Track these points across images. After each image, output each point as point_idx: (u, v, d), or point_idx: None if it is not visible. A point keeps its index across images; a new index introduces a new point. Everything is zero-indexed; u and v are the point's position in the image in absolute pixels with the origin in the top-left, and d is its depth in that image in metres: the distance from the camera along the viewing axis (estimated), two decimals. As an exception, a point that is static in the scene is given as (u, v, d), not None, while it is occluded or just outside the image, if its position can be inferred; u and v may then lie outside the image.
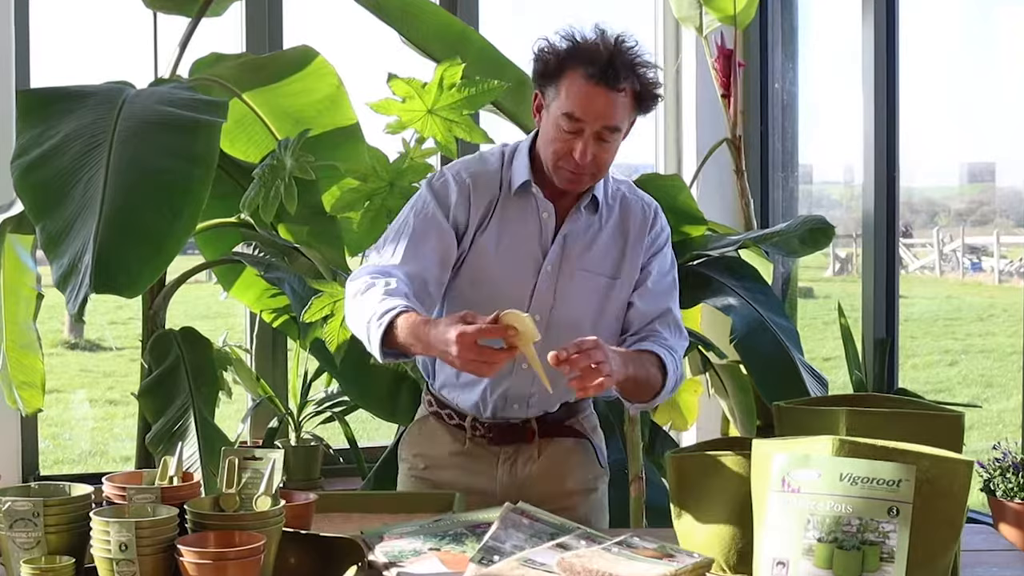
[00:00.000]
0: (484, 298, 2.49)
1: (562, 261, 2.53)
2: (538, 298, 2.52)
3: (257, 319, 4.14)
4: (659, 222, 2.62)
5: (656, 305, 2.57)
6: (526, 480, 2.60)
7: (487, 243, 2.52)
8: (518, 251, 2.52)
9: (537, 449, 2.62)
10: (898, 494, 1.79)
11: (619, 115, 2.39)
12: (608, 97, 2.37)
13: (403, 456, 2.74)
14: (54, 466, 7.01)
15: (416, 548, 2.14)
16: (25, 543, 1.97)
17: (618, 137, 2.43)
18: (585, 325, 2.52)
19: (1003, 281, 9.84)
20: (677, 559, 2.03)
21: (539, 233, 2.53)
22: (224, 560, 1.88)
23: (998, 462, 3.71)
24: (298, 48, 3.70)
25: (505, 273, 2.52)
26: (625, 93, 2.38)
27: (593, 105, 2.37)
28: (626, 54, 2.39)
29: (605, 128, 2.39)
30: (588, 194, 2.53)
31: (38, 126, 3.07)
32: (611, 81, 2.36)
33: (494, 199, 2.53)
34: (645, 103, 2.44)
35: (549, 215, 2.53)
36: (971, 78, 7.23)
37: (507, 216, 2.53)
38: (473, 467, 2.62)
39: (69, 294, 2.76)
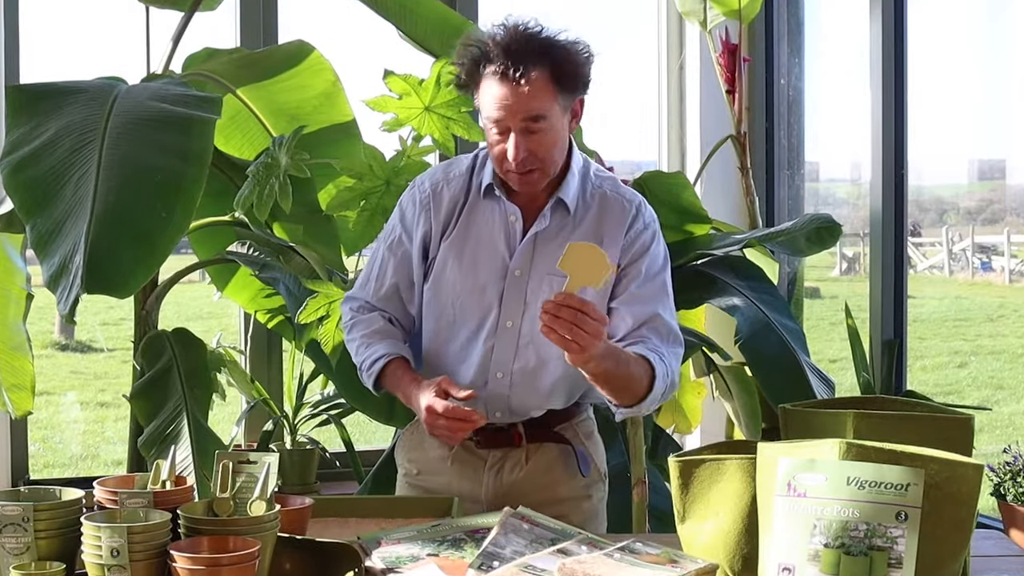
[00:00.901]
0: (450, 303, 2.54)
1: (531, 265, 2.50)
2: (507, 304, 2.50)
3: (252, 320, 4.16)
4: (641, 219, 2.55)
5: (643, 310, 2.51)
6: (513, 486, 2.58)
7: (452, 249, 2.53)
8: (484, 256, 2.51)
9: (525, 454, 2.60)
10: (906, 499, 1.79)
11: (535, 104, 2.37)
12: (518, 90, 2.36)
13: (399, 461, 2.76)
14: (44, 470, 7.03)
15: (414, 554, 2.13)
16: (15, 549, 1.99)
17: (547, 125, 2.39)
18: None
19: (1014, 281, 9.83)
20: (681, 565, 2.03)
21: (506, 237, 2.51)
22: (218, 566, 1.88)
23: (1008, 466, 3.69)
24: (293, 43, 3.69)
25: (470, 278, 2.51)
26: (536, 80, 2.35)
27: (505, 102, 2.37)
28: (526, 41, 2.37)
29: (527, 120, 2.38)
30: (555, 196, 2.50)
31: (28, 123, 3.06)
32: (515, 73, 2.35)
33: (458, 204, 2.53)
34: (569, 81, 2.40)
35: (517, 218, 2.51)
36: (980, 74, 7.23)
37: (474, 220, 2.53)
38: (462, 472, 2.61)
39: (60, 294, 2.75)
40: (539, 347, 2.49)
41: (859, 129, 4.25)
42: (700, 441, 4.44)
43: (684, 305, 3.78)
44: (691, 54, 4.79)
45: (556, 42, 2.38)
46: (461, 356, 2.54)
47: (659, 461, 3.71)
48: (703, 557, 2.08)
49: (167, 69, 3.57)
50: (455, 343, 2.54)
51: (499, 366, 2.51)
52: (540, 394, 2.54)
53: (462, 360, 2.54)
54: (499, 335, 2.50)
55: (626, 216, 2.53)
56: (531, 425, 2.58)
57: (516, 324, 2.49)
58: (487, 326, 2.50)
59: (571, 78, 2.40)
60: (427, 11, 3.60)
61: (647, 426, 3.66)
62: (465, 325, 2.52)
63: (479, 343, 2.51)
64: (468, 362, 2.53)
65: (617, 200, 2.55)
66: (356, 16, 3.69)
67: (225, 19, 4.29)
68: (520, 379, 2.52)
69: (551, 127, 2.39)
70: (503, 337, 2.50)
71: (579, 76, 2.41)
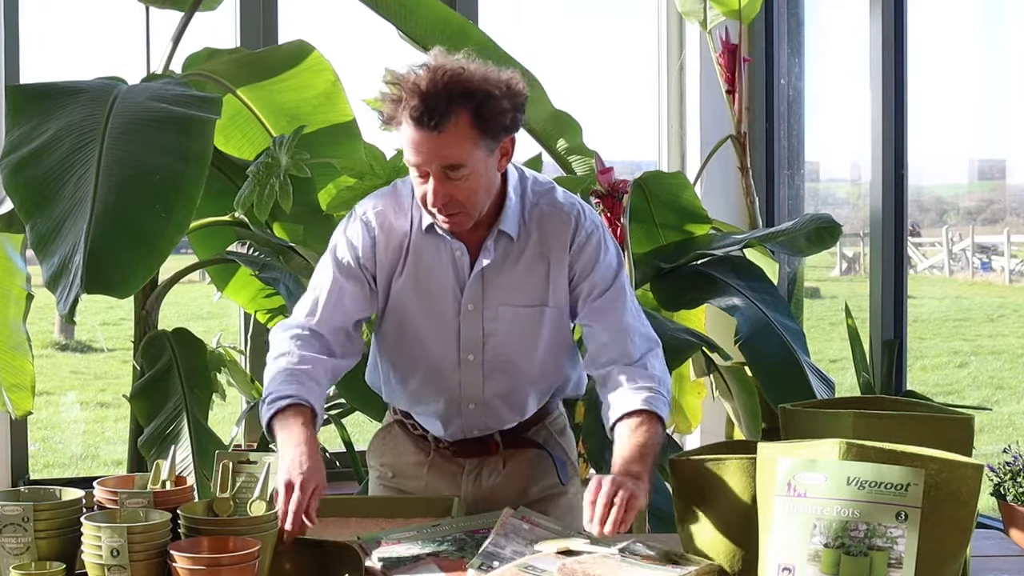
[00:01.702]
0: (411, 342, 2.48)
1: (484, 298, 2.44)
2: (466, 338, 2.45)
3: (252, 320, 4.14)
4: (582, 230, 2.45)
5: (612, 320, 2.45)
6: (491, 491, 2.56)
7: (405, 288, 2.45)
8: (436, 293, 2.44)
9: (502, 460, 2.58)
10: (906, 499, 1.79)
11: (454, 152, 2.24)
12: (434, 138, 2.22)
13: (371, 464, 2.71)
14: (44, 470, 7.02)
15: (414, 553, 2.12)
16: (15, 549, 1.99)
17: (467, 172, 2.27)
18: (519, 360, 2.47)
19: (1014, 281, 9.82)
20: (681, 565, 2.03)
21: (455, 272, 2.43)
22: (218, 566, 1.88)
23: (1008, 466, 3.68)
24: (293, 43, 3.68)
25: (427, 317, 2.45)
26: (454, 129, 2.22)
27: (422, 148, 2.25)
28: (445, 87, 2.21)
29: (444, 168, 2.26)
30: (494, 228, 2.41)
31: (28, 123, 3.06)
32: (431, 121, 2.21)
33: (405, 239, 2.43)
34: (492, 127, 2.26)
35: (462, 253, 2.42)
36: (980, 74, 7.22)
37: (421, 257, 2.44)
38: (438, 478, 2.59)
39: (60, 294, 2.75)
40: (506, 374, 2.47)
41: (859, 129, 4.24)
42: (700, 441, 4.43)
43: (684, 305, 3.78)
44: (691, 54, 4.78)
45: (478, 84, 2.24)
46: (429, 390, 2.50)
47: (659, 461, 3.70)
48: (703, 557, 2.08)
49: (167, 69, 3.57)
50: (419, 378, 2.50)
51: (470, 398, 2.48)
52: (515, 412, 2.53)
53: (431, 393, 2.50)
54: (463, 369, 2.46)
55: (567, 230, 2.44)
56: (507, 433, 2.56)
57: (478, 357, 2.45)
58: (449, 362, 2.46)
59: (494, 123, 2.26)
60: (427, 11, 3.59)
61: (647, 426, 3.65)
62: (427, 361, 2.47)
63: (444, 378, 2.47)
64: (437, 396, 2.49)
65: (554, 215, 2.44)
66: (356, 16, 3.69)
67: (225, 19, 4.28)
68: (494, 405, 2.50)
69: (472, 173, 2.27)
70: (467, 371, 2.46)
71: (502, 121, 2.27)
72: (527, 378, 2.49)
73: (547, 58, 5.98)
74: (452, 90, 2.21)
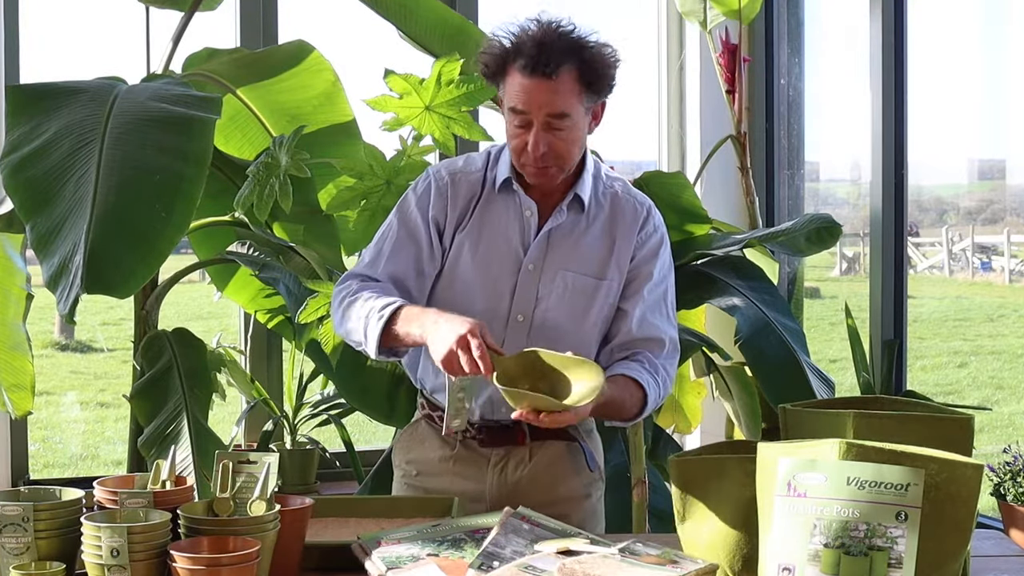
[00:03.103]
0: (460, 295, 2.52)
1: (545, 260, 2.51)
2: (519, 297, 2.51)
3: (252, 320, 4.15)
4: (652, 222, 2.59)
5: (647, 318, 2.54)
6: (517, 485, 2.57)
7: (466, 241, 2.52)
8: (498, 249, 2.51)
9: (528, 452, 2.58)
10: (906, 499, 1.79)
11: (561, 102, 2.38)
12: (545, 85, 2.37)
13: (396, 462, 2.73)
14: (44, 470, 7.03)
15: (414, 554, 2.12)
16: (15, 549, 1.99)
17: (570, 124, 2.41)
18: (570, 327, 2.51)
19: (1014, 281, 9.82)
20: (681, 565, 2.03)
21: (521, 231, 2.52)
22: (218, 566, 1.89)
23: (1008, 466, 3.68)
24: (293, 43, 3.68)
25: (483, 271, 2.51)
26: (563, 78, 2.36)
27: (532, 95, 2.37)
28: (558, 39, 2.37)
29: (550, 116, 2.38)
30: (571, 192, 2.52)
31: (28, 123, 3.06)
32: (544, 68, 2.35)
33: (475, 197, 2.53)
34: (595, 83, 2.42)
35: (532, 213, 2.52)
36: (981, 73, 7.21)
37: (489, 215, 2.53)
38: (464, 472, 2.59)
39: (60, 294, 2.75)
40: (550, 341, 2.48)
41: (859, 129, 4.24)
42: (700, 441, 4.43)
43: (684, 305, 3.77)
44: (691, 54, 4.78)
45: (587, 43, 2.39)
46: None
47: (659, 461, 3.70)
48: (703, 557, 2.08)
49: (167, 69, 3.56)
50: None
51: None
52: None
53: None
54: (509, 329, 2.50)
55: (638, 218, 2.57)
56: None
57: (527, 318, 2.50)
58: (498, 319, 2.50)
59: (598, 80, 2.41)
60: (427, 11, 3.59)
61: (647, 426, 3.65)
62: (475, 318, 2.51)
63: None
64: None
65: (629, 201, 2.58)
66: (356, 16, 3.68)
67: (225, 19, 4.28)
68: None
69: (573, 126, 2.41)
70: (513, 331, 2.50)
71: (606, 79, 2.42)
72: (569, 349, 2.49)
73: (547, 58, 5.94)
74: (564, 43, 2.36)
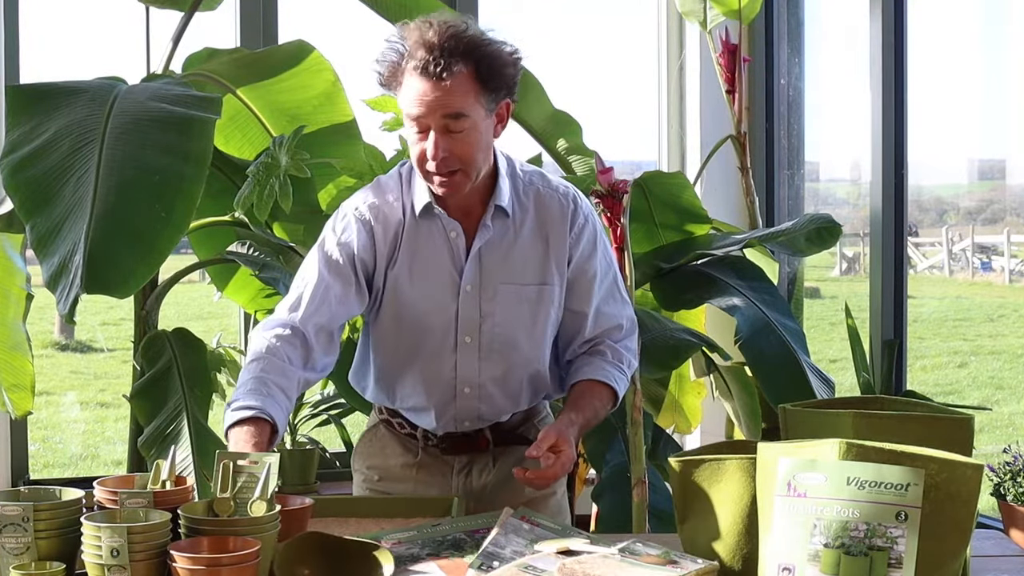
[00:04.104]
0: (409, 330, 2.49)
1: (481, 278, 2.46)
2: (464, 320, 2.47)
3: (252, 320, 4.13)
4: (580, 213, 2.51)
5: (608, 311, 2.55)
6: (483, 490, 2.57)
7: (400, 275, 2.46)
8: (433, 277, 2.46)
9: (492, 458, 2.58)
10: (906, 499, 1.79)
11: (456, 102, 2.29)
12: (439, 87, 2.28)
13: (356, 467, 2.71)
14: (44, 470, 7.03)
15: (414, 554, 2.11)
16: (15, 549, 1.98)
17: (469, 125, 2.32)
18: (519, 338, 2.50)
19: (1014, 281, 9.82)
20: (681, 565, 2.02)
21: (451, 254, 2.46)
22: (218, 566, 1.87)
23: (1008, 466, 3.67)
24: (293, 43, 3.68)
25: (424, 302, 2.46)
26: (458, 78, 2.28)
27: (425, 98, 2.29)
28: (450, 40, 2.28)
29: (446, 118, 2.30)
30: (491, 204, 2.44)
31: (28, 123, 3.06)
32: (437, 68, 2.27)
33: (399, 228, 2.45)
34: (492, 82, 2.32)
35: (458, 234, 2.45)
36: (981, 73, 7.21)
37: (415, 243, 2.45)
38: (427, 479, 2.59)
39: (59, 294, 2.74)
40: (502, 355, 2.48)
41: (859, 129, 4.24)
42: (700, 441, 4.43)
43: (684, 305, 3.78)
44: (691, 54, 4.77)
45: (481, 41, 2.31)
46: (423, 378, 2.50)
47: (659, 461, 3.70)
48: (703, 557, 2.07)
49: (167, 69, 3.56)
50: (415, 366, 2.50)
51: (465, 381, 2.49)
52: (510, 399, 2.54)
53: (425, 381, 2.50)
54: (460, 352, 2.47)
55: (566, 213, 2.49)
56: (497, 429, 2.56)
57: (475, 338, 2.46)
58: (447, 345, 2.47)
59: (494, 78, 2.32)
60: (426, 11, 3.56)
61: (647, 426, 3.65)
62: (423, 347, 2.48)
63: (440, 363, 2.48)
64: (431, 382, 2.50)
65: (553, 197, 2.50)
66: (356, 16, 3.68)
67: (225, 19, 4.28)
68: (488, 390, 2.51)
69: (473, 127, 2.32)
70: (464, 353, 2.47)
71: (503, 77, 2.34)
72: (522, 361, 2.50)
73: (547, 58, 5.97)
74: (457, 43, 2.29)
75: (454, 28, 2.30)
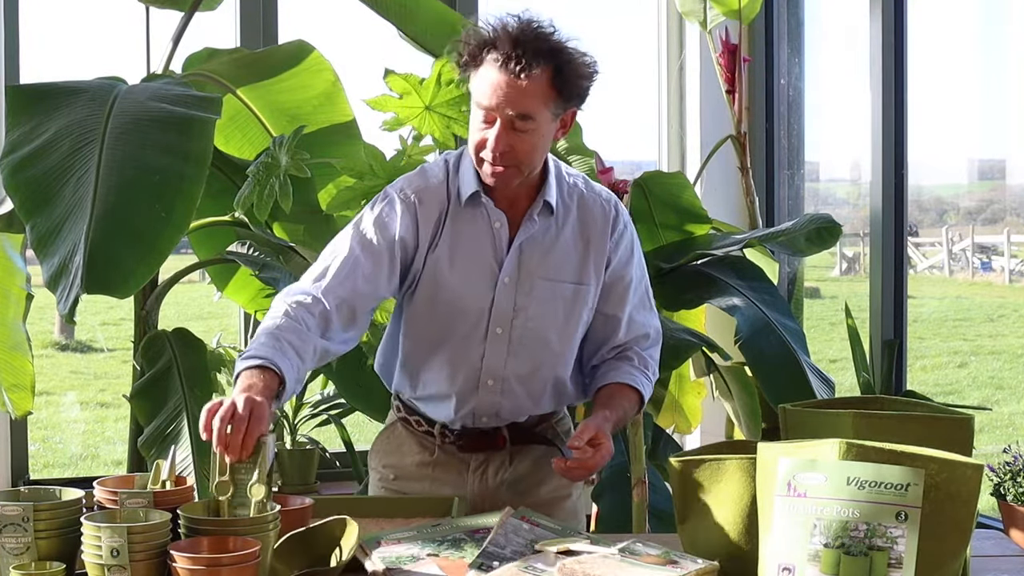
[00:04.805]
0: (442, 315, 2.49)
1: (520, 272, 2.47)
2: (498, 311, 2.47)
3: (252, 320, 4.13)
4: (621, 219, 2.55)
5: (638, 319, 2.57)
6: (498, 489, 2.57)
7: (440, 259, 2.46)
8: (473, 265, 2.46)
9: (508, 456, 2.58)
10: (906, 498, 1.79)
11: (529, 103, 2.31)
12: (515, 84, 2.30)
13: (372, 466, 2.71)
14: (44, 470, 7.02)
15: (414, 554, 2.12)
16: (15, 549, 1.99)
17: (534, 127, 2.34)
18: (550, 336, 2.50)
19: (1014, 281, 9.82)
20: (681, 565, 2.03)
21: (493, 244, 2.47)
22: (218, 566, 1.88)
23: (1008, 466, 3.68)
24: (293, 43, 3.68)
25: (461, 289, 2.47)
26: (535, 79, 2.30)
27: (500, 92, 2.31)
28: (536, 40, 2.31)
29: (515, 116, 2.32)
30: (539, 199, 2.46)
31: (28, 123, 3.06)
32: (517, 67, 2.29)
33: (442, 213, 2.46)
34: (567, 91, 2.35)
35: (502, 225, 2.47)
36: (981, 73, 7.22)
37: (458, 229, 2.46)
38: (443, 477, 2.59)
39: (60, 294, 2.75)
40: (531, 352, 2.49)
41: (859, 129, 4.24)
42: (700, 441, 4.43)
43: (684, 305, 3.78)
44: (691, 54, 4.77)
45: (564, 47, 2.34)
46: (449, 364, 2.50)
47: (659, 461, 3.70)
48: (703, 557, 2.08)
49: (167, 69, 3.56)
50: (443, 352, 2.50)
51: (489, 373, 2.49)
52: (531, 399, 2.53)
53: (450, 368, 2.50)
54: (489, 342, 2.48)
55: (608, 218, 2.53)
56: (514, 428, 2.56)
57: (506, 331, 2.47)
58: (477, 334, 2.47)
59: (570, 86, 2.35)
60: (427, 11, 3.59)
61: (647, 426, 3.65)
62: (453, 334, 2.48)
63: (468, 351, 2.48)
64: (456, 370, 2.50)
65: (596, 201, 2.54)
66: (356, 16, 3.68)
67: (225, 19, 4.27)
68: (511, 386, 2.51)
69: (536, 129, 2.35)
70: (493, 344, 2.48)
71: (578, 88, 2.37)
72: (548, 360, 2.51)
73: (547, 58, 5.95)
74: (541, 45, 2.31)
75: (541, 30, 2.33)
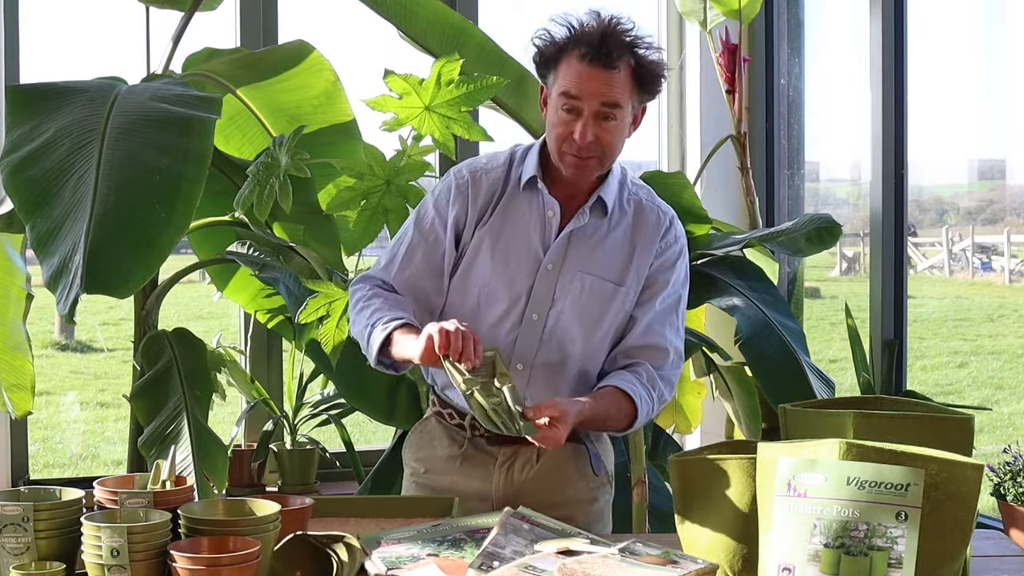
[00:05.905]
0: (481, 292, 2.53)
1: (564, 261, 2.52)
2: (536, 297, 2.51)
3: (252, 320, 4.15)
4: (673, 232, 2.60)
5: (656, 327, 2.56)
6: (523, 486, 2.57)
7: (486, 237, 2.52)
8: (517, 247, 2.52)
9: (536, 453, 2.58)
10: (906, 498, 1.79)
11: (616, 92, 2.41)
12: (603, 75, 2.40)
13: (406, 460, 2.74)
14: (44, 470, 7.02)
15: (414, 554, 2.12)
16: (15, 549, 2.00)
17: (620, 115, 2.42)
18: (583, 330, 2.52)
19: (1014, 281, 9.82)
20: (681, 565, 2.03)
21: (542, 231, 2.53)
22: (218, 566, 1.89)
23: (1008, 466, 3.68)
24: (293, 43, 3.68)
25: (504, 267, 2.51)
26: (621, 71, 2.41)
27: (589, 83, 2.40)
28: (620, 34, 2.41)
29: (604, 105, 2.41)
30: (595, 194, 2.52)
31: (28, 123, 3.06)
32: (604, 59, 2.39)
33: (496, 194, 2.54)
34: (646, 83, 2.45)
35: (554, 213, 2.53)
36: (980, 73, 7.23)
37: (511, 212, 2.54)
38: (471, 472, 2.59)
39: (59, 294, 2.74)
40: (562, 343, 2.51)
41: (859, 129, 4.24)
42: (700, 441, 4.43)
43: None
44: (691, 54, 4.78)
45: (643, 43, 2.44)
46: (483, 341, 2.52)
47: (659, 461, 3.70)
48: (703, 557, 2.08)
49: (167, 69, 3.56)
50: (478, 329, 2.50)
51: (520, 358, 2.51)
52: (558, 391, 2.53)
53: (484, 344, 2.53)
54: (523, 327, 2.51)
55: (660, 226, 2.58)
56: None
57: (542, 318, 2.50)
58: (512, 317, 2.51)
59: (650, 80, 2.44)
60: (427, 11, 3.58)
61: (647, 426, 3.65)
62: (490, 314, 2.52)
63: (502, 334, 2.51)
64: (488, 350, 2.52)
65: (653, 210, 2.59)
66: (356, 16, 3.68)
67: (225, 19, 4.27)
68: (540, 374, 2.52)
69: (621, 120, 2.43)
70: (527, 330, 2.51)
71: (655, 82, 2.46)
72: (578, 355, 2.53)
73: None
74: (624, 38, 2.41)
75: (624, 25, 2.42)
